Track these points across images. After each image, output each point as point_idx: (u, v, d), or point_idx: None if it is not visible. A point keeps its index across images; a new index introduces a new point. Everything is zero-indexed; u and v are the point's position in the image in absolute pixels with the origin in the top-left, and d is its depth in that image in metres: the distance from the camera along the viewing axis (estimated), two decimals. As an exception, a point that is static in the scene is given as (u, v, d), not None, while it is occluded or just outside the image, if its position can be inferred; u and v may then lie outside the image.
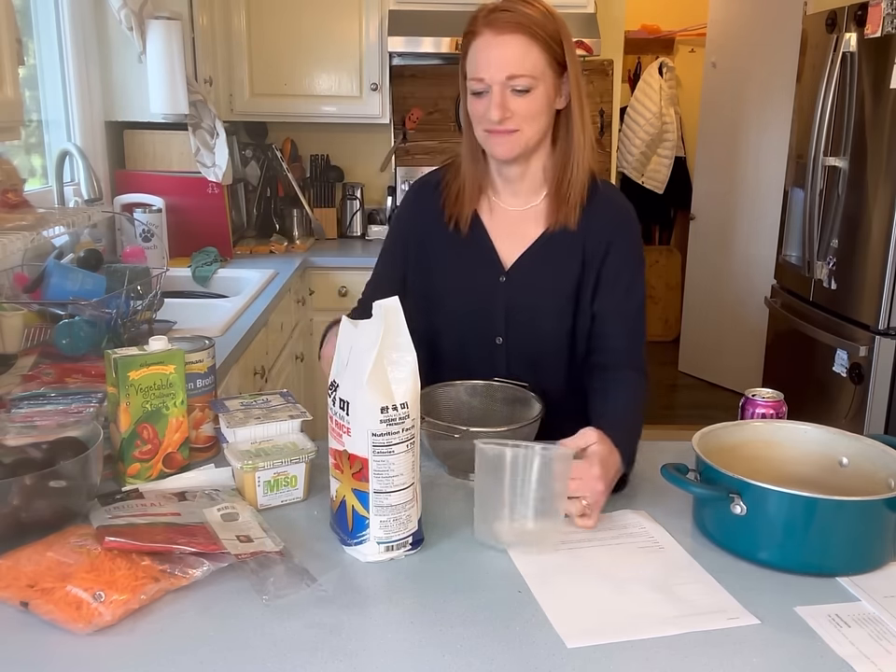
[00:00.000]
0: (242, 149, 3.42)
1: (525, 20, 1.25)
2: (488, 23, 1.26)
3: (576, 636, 0.87)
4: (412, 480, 1.02)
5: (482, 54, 1.27)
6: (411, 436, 1.01)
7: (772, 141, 4.17)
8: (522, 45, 1.25)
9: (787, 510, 0.99)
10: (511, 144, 1.31)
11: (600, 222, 1.38)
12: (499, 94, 1.27)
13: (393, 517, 1.01)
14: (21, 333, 1.64)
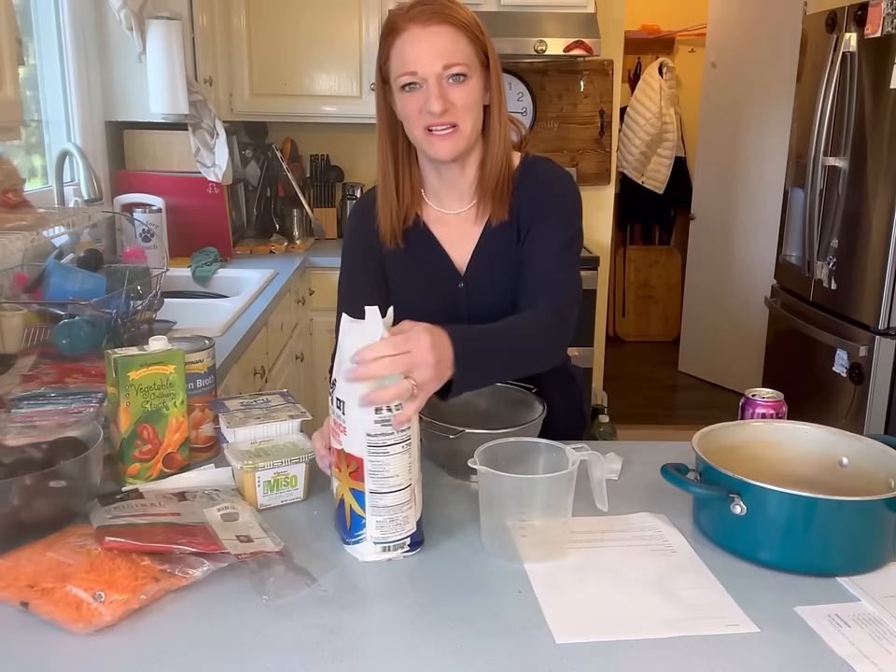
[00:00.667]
0: (242, 149, 3.42)
1: (449, 10, 1.24)
2: (411, 18, 1.24)
3: (567, 632, 0.87)
4: (408, 481, 1.02)
5: (411, 48, 1.24)
6: (406, 437, 1.00)
7: (772, 141, 4.17)
8: (451, 34, 1.24)
9: (787, 510, 0.99)
10: (452, 142, 1.28)
11: (526, 203, 1.35)
12: (437, 85, 1.24)
13: (389, 518, 1.01)
14: (21, 333, 1.64)
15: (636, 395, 4.57)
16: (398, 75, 1.27)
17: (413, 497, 1.03)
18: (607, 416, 3.78)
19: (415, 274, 1.41)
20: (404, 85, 1.27)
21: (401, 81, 1.27)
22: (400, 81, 1.27)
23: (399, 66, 1.27)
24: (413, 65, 1.25)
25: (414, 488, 1.03)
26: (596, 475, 1.11)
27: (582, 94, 3.78)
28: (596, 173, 3.85)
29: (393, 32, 1.27)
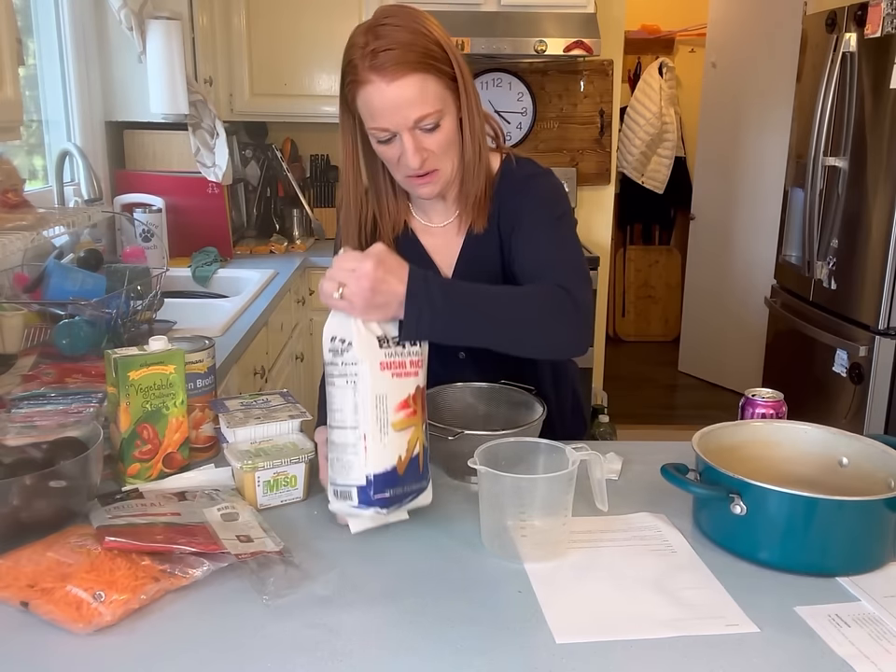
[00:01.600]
0: (242, 149, 3.43)
1: (410, 54, 1.15)
2: (374, 68, 1.15)
3: (567, 632, 0.87)
4: (354, 423, 1.00)
5: (378, 104, 1.17)
6: (353, 373, 1.01)
7: (772, 141, 4.17)
8: (417, 84, 1.16)
9: (787, 510, 0.99)
10: (433, 185, 1.27)
11: (505, 206, 1.33)
12: (411, 140, 1.19)
13: (336, 456, 1.03)
14: (21, 333, 1.64)
15: (636, 395, 4.57)
16: (369, 126, 1.22)
17: (364, 448, 1.00)
18: (607, 416, 3.78)
19: None
20: (379, 139, 1.23)
21: (375, 135, 1.22)
22: (374, 134, 1.22)
23: (369, 119, 1.21)
24: (383, 122, 1.19)
25: (365, 439, 1.00)
26: (596, 475, 1.11)
27: (582, 94, 3.78)
28: (596, 173, 3.85)
29: (357, 81, 1.18)
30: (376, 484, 1.01)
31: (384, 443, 1.01)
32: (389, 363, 1.02)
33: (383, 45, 1.15)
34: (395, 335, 1.04)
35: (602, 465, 1.10)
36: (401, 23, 1.18)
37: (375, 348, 1.01)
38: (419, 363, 1.05)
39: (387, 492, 1.02)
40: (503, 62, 3.64)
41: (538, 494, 1.01)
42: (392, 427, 1.02)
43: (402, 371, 1.03)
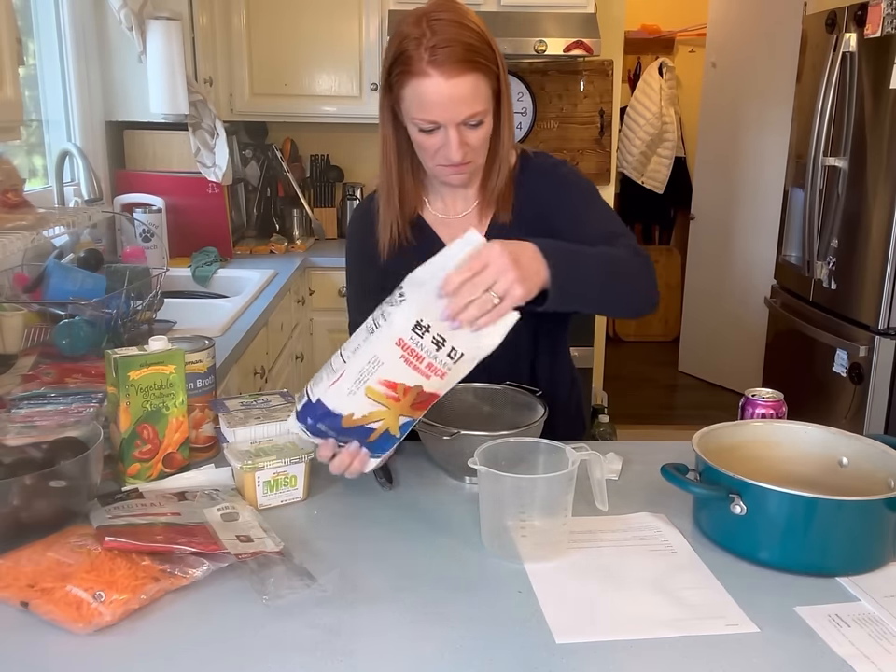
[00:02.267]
0: (242, 149, 3.43)
1: (470, 52, 1.19)
2: (435, 64, 1.17)
3: (567, 632, 0.87)
4: (346, 357, 1.01)
5: (432, 97, 1.20)
6: (378, 325, 1.00)
7: (772, 141, 4.17)
8: (473, 83, 1.20)
9: (787, 510, 0.99)
10: (465, 175, 1.33)
11: (534, 195, 1.37)
12: (457, 135, 1.23)
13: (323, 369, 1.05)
14: (21, 333, 1.64)
15: (636, 395, 4.57)
16: (415, 116, 1.24)
17: (335, 380, 1.01)
18: (607, 416, 3.78)
19: None
20: (422, 128, 1.25)
21: (419, 124, 1.24)
22: (418, 123, 1.24)
23: (418, 109, 1.23)
24: (434, 115, 1.22)
25: (341, 377, 1.01)
26: (596, 475, 1.11)
27: (582, 94, 3.78)
28: (596, 173, 3.84)
29: (411, 73, 1.20)
30: (316, 411, 1.04)
31: (349, 393, 1.01)
32: (407, 346, 0.99)
33: (443, 40, 1.18)
34: (438, 335, 0.99)
35: (602, 465, 1.10)
36: (459, 20, 1.21)
37: (404, 326, 0.98)
38: (439, 371, 1.01)
39: (321, 425, 1.05)
40: (503, 62, 3.64)
41: (538, 494, 1.01)
42: (365, 390, 1.01)
43: (414, 363, 1.00)
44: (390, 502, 1.17)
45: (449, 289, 0.96)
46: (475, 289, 0.96)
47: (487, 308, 0.97)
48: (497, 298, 0.97)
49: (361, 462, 1.08)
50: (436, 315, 0.98)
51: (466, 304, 0.96)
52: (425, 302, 0.98)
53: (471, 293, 0.96)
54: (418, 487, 1.22)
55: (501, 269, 0.97)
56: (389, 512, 1.14)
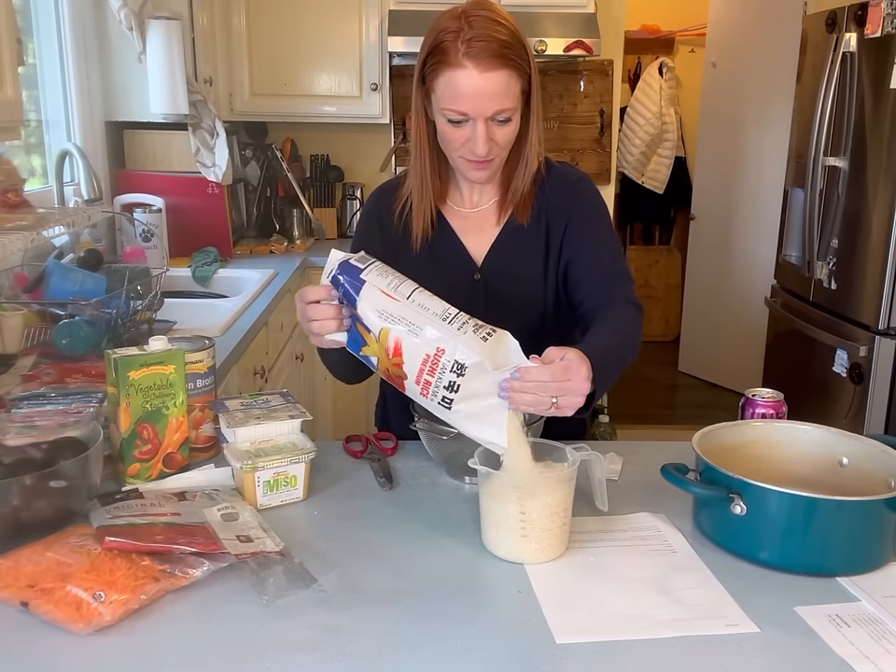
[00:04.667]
0: (242, 149, 3.42)
1: (505, 49, 1.23)
2: (471, 56, 1.22)
3: (567, 632, 0.87)
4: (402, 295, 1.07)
5: (465, 89, 1.23)
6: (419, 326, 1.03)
7: (772, 141, 4.17)
8: (505, 79, 1.24)
9: (787, 510, 0.99)
10: (487, 171, 1.34)
11: (554, 202, 1.40)
12: (485, 129, 1.26)
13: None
14: (21, 333, 1.64)
15: (636, 395, 4.57)
16: (445, 107, 1.27)
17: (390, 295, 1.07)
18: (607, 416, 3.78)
19: (429, 263, 1.42)
20: (451, 119, 1.28)
21: (448, 115, 1.27)
22: (448, 115, 1.27)
23: (449, 100, 1.26)
24: (464, 107, 1.25)
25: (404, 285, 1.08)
26: (597, 475, 1.11)
27: (582, 94, 3.78)
28: (596, 173, 3.84)
29: (446, 62, 1.24)
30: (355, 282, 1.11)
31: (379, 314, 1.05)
32: (436, 359, 1.01)
33: (480, 35, 1.22)
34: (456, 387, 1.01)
35: (602, 465, 1.10)
36: (496, 18, 1.26)
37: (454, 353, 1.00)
38: (427, 393, 1.04)
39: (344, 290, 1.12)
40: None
41: (538, 494, 1.01)
42: (382, 330, 1.04)
43: (421, 366, 1.02)
44: (390, 502, 1.17)
45: (526, 379, 1.00)
46: (545, 390, 1.01)
47: (541, 409, 1.02)
48: (554, 407, 1.02)
49: (337, 325, 1.13)
50: (484, 374, 1.00)
51: (528, 398, 1.00)
52: (487, 357, 1.00)
53: (540, 391, 1.00)
54: (418, 487, 1.22)
55: (576, 390, 1.03)
56: (389, 512, 1.14)
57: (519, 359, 1.01)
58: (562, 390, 1.02)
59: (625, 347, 1.25)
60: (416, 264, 1.42)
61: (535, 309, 1.42)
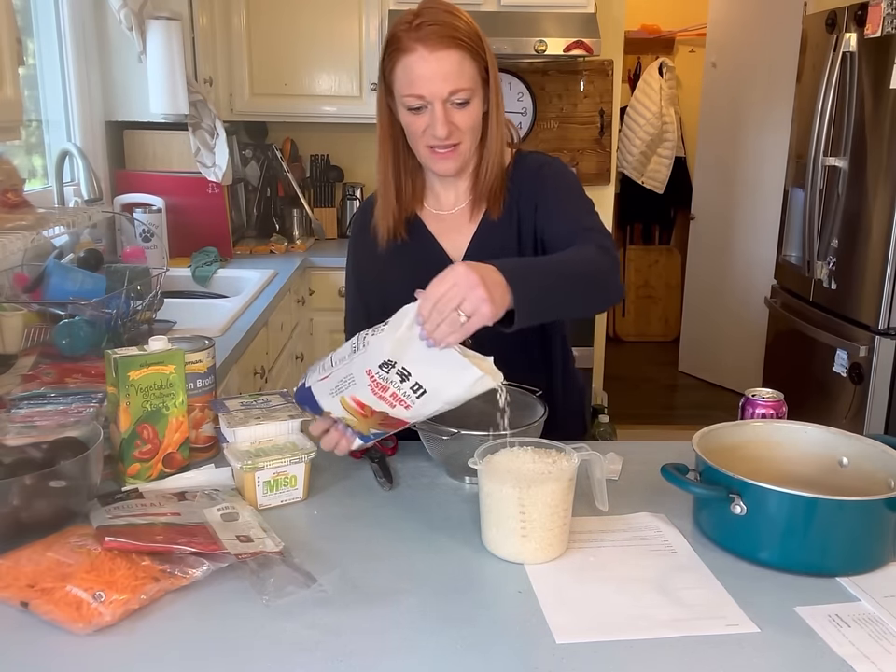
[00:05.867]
0: (242, 149, 3.42)
1: (455, 31, 1.25)
2: (420, 39, 1.24)
3: (567, 632, 0.87)
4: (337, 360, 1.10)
5: (418, 71, 1.26)
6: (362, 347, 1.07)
7: (772, 141, 4.17)
8: (457, 59, 1.26)
9: (787, 510, 0.99)
10: (453, 161, 1.34)
11: (523, 192, 1.39)
12: (442, 110, 1.27)
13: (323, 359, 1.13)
14: (21, 333, 1.64)
15: (636, 395, 4.57)
16: (403, 94, 1.29)
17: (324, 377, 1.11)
18: (607, 416, 3.78)
19: (410, 267, 1.42)
20: (410, 106, 1.29)
21: (407, 102, 1.29)
22: (406, 102, 1.29)
23: (406, 87, 1.28)
24: (419, 89, 1.27)
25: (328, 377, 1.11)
26: (596, 475, 1.11)
27: (582, 94, 3.78)
28: (596, 173, 3.85)
29: (400, 49, 1.27)
30: (306, 395, 1.14)
31: (330, 394, 1.10)
32: (374, 378, 1.05)
33: (429, 20, 1.26)
34: (406, 373, 1.03)
35: (602, 465, 1.10)
36: (446, 9, 1.29)
37: (375, 359, 1.03)
38: (403, 402, 1.05)
39: (307, 408, 1.15)
40: (503, 62, 3.63)
41: (538, 494, 1.01)
42: (340, 399, 1.09)
43: (379, 393, 1.05)
44: (390, 502, 1.17)
45: (424, 312, 1.00)
46: (444, 308, 0.99)
47: (456, 327, 0.99)
48: (464, 317, 0.99)
49: (348, 442, 1.15)
50: (407, 349, 1.02)
51: (437, 323, 0.99)
52: (398, 338, 1.03)
53: (441, 313, 0.99)
54: (418, 487, 1.22)
55: (468, 287, 0.99)
56: (389, 512, 1.14)
57: (411, 311, 1.02)
58: (456, 297, 0.98)
59: (576, 272, 1.18)
60: (397, 272, 1.43)
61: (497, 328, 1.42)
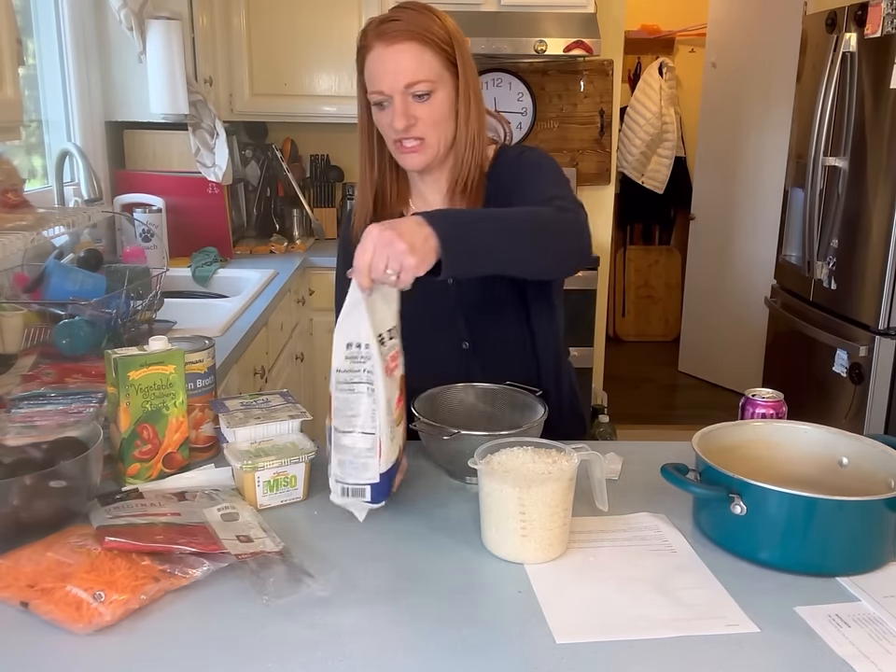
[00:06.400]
0: (242, 149, 3.42)
1: (414, 27, 1.27)
2: (378, 35, 1.28)
3: (567, 632, 0.87)
4: (372, 429, 1.03)
5: (377, 67, 1.29)
6: (371, 381, 1.02)
7: (772, 141, 4.17)
8: (414, 52, 1.27)
9: (787, 510, 0.99)
10: (419, 155, 1.34)
11: (504, 182, 1.39)
12: (401, 103, 1.29)
13: (348, 459, 1.04)
14: (21, 333, 1.64)
15: (636, 395, 4.57)
16: (369, 91, 1.32)
17: (378, 450, 1.03)
18: (607, 416, 3.78)
19: None
20: (375, 102, 1.32)
21: (372, 98, 1.32)
22: (371, 98, 1.32)
23: (370, 83, 1.31)
24: (378, 84, 1.29)
25: (381, 440, 1.03)
26: (596, 475, 1.11)
27: (582, 94, 3.78)
28: (596, 173, 3.85)
29: (364, 47, 1.31)
30: (387, 479, 1.07)
31: (393, 442, 1.06)
32: (387, 364, 1.04)
33: (390, 17, 1.30)
34: (389, 327, 1.06)
35: (602, 465, 1.10)
36: (413, 7, 1.32)
37: (378, 350, 1.02)
38: (398, 354, 1.09)
39: (393, 482, 1.10)
40: (503, 62, 3.64)
41: (538, 494, 1.01)
42: (395, 423, 1.07)
43: (394, 366, 1.07)
44: (390, 502, 1.17)
45: (363, 285, 0.99)
46: (377, 274, 0.98)
47: (390, 283, 1.00)
48: (394, 275, 0.99)
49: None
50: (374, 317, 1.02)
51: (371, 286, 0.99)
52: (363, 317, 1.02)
53: (374, 276, 0.98)
54: (418, 487, 1.22)
55: (385, 244, 0.97)
56: (389, 512, 1.14)
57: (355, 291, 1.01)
58: (381, 259, 0.97)
59: (513, 214, 1.17)
60: None
61: (511, 309, 1.42)
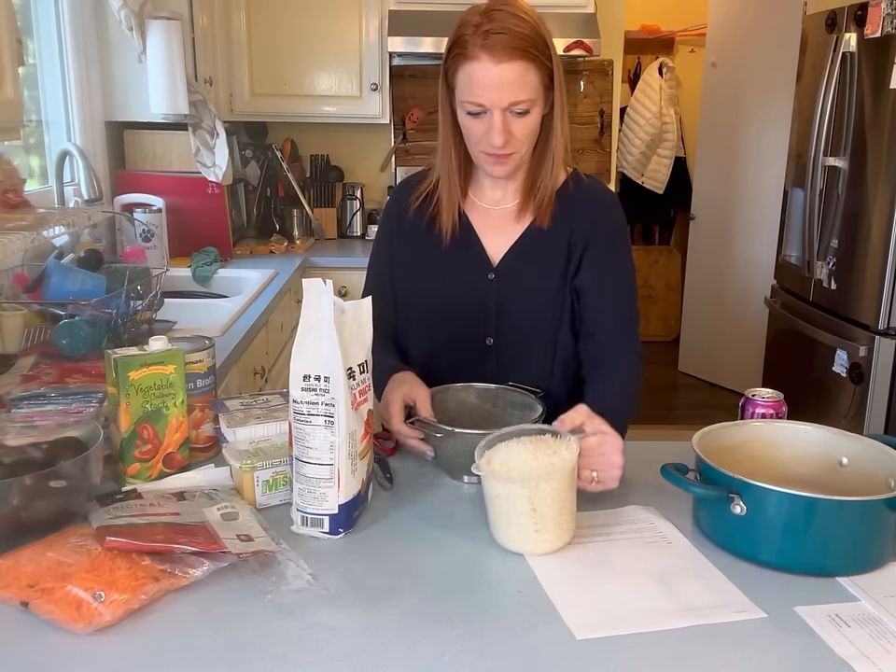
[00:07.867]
0: (242, 149, 3.42)
1: (521, 42, 1.24)
2: (486, 48, 1.23)
3: (585, 628, 0.88)
4: (329, 461, 1.03)
5: (481, 80, 1.25)
6: (331, 414, 1.02)
7: (772, 141, 4.17)
8: (521, 70, 1.25)
9: (787, 510, 0.99)
10: (506, 167, 1.35)
11: (581, 215, 1.40)
12: (501, 121, 1.27)
13: (307, 488, 1.05)
14: (21, 333, 1.64)
15: (636, 395, 4.56)
16: (464, 99, 1.29)
17: (337, 482, 1.04)
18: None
19: (444, 259, 1.43)
20: (469, 111, 1.29)
21: (467, 107, 1.29)
22: (466, 106, 1.29)
23: (467, 92, 1.28)
24: (481, 97, 1.26)
25: (339, 471, 1.04)
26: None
27: (582, 94, 3.78)
28: (596, 173, 3.84)
29: (464, 55, 1.26)
30: (347, 511, 1.07)
31: (354, 474, 1.06)
32: (354, 398, 1.05)
33: (496, 27, 1.24)
34: (360, 361, 1.07)
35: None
36: (516, 12, 1.27)
37: (346, 386, 1.03)
38: (368, 387, 1.10)
39: (353, 514, 1.09)
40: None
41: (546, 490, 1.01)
42: (359, 456, 1.07)
43: (362, 400, 1.08)
44: (390, 502, 1.17)
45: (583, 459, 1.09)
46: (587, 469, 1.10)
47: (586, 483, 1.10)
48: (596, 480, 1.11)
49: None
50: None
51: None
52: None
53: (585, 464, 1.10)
54: (418, 487, 1.22)
55: (613, 465, 1.11)
56: (390, 512, 1.14)
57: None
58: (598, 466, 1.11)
59: (636, 390, 1.37)
60: (432, 258, 1.43)
61: (545, 321, 1.42)
